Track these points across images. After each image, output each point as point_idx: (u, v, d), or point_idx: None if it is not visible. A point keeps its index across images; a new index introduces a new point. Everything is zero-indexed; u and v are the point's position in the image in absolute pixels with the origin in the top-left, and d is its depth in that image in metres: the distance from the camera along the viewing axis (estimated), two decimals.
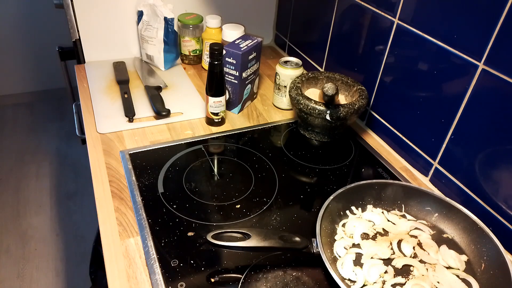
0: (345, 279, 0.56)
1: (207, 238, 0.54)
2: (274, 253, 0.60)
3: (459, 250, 0.61)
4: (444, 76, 0.69)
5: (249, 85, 0.94)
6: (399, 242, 0.61)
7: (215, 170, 0.76)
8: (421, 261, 0.59)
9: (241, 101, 0.93)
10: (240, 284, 0.55)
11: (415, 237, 0.63)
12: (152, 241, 0.60)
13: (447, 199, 0.64)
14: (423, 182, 0.78)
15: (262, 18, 1.25)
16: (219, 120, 0.88)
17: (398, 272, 0.57)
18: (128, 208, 0.66)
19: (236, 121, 0.92)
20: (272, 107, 0.98)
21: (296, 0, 1.12)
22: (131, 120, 0.87)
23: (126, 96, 0.94)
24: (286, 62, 0.93)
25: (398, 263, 0.58)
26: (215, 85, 0.82)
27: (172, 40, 1.05)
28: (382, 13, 0.80)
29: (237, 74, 0.87)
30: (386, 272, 0.57)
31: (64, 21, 1.08)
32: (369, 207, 0.67)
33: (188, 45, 1.09)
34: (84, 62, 1.09)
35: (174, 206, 0.67)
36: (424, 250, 0.61)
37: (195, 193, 0.70)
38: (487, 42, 0.60)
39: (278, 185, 0.73)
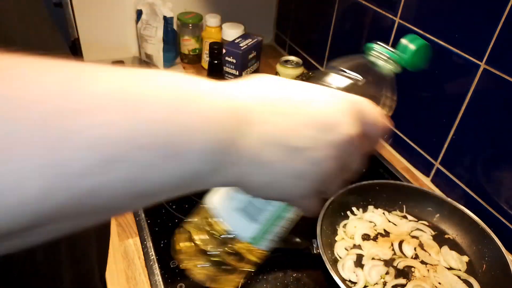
0: (346, 280, 0.55)
1: None
2: (274, 254, 0.59)
3: (461, 251, 0.61)
4: (445, 76, 0.69)
5: None
6: (400, 243, 0.61)
7: None
8: (422, 262, 0.59)
9: None
10: (240, 285, 0.55)
11: (416, 238, 0.62)
12: (151, 242, 0.59)
13: (449, 199, 0.64)
14: (425, 182, 0.78)
15: (262, 17, 1.24)
16: None
17: (399, 273, 0.57)
18: None
19: None
20: None
21: None
22: None
23: None
24: (286, 61, 0.93)
25: (399, 264, 0.58)
26: None
27: (171, 39, 1.04)
28: (383, 12, 0.80)
29: (237, 73, 0.87)
30: (387, 273, 0.57)
31: (63, 20, 1.08)
32: (370, 207, 0.67)
33: (188, 44, 1.09)
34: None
35: (174, 207, 0.66)
36: (425, 251, 0.60)
37: (194, 193, 0.69)
38: (488, 42, 0.60)
39: None
